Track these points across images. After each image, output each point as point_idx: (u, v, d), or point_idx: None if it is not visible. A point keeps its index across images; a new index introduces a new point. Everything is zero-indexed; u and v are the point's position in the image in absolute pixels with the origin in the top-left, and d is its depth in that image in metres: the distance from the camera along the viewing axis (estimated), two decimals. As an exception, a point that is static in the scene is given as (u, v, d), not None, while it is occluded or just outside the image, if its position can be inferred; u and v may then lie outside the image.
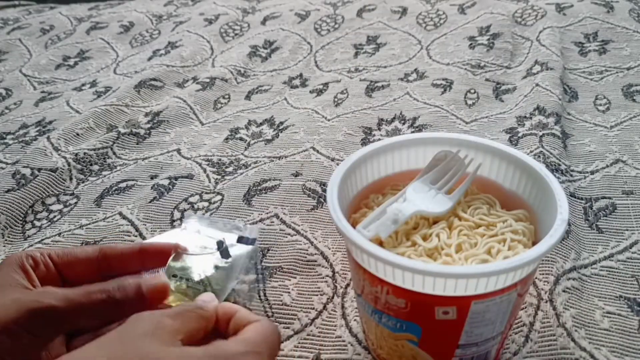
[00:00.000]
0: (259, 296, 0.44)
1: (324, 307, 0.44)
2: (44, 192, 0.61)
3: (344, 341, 0.41)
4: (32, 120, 0.79)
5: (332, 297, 0.44)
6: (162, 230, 0.54)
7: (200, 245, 0.40)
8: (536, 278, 0.43)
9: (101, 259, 0.35)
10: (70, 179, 0.64)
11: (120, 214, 0.57)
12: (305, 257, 0.48)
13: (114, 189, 0.62)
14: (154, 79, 0.85)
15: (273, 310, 0.43)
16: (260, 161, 0.64)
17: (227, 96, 0.82)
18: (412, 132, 0.67)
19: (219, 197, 0.58)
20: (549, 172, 0.35)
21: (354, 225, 0.37)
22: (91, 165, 0.66)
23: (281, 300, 0.44)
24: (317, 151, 0.64)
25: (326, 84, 0.81)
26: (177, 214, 0.56)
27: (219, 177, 0.62)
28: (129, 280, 0.32)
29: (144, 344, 0.25)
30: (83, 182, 0.64)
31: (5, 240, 0.55)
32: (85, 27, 1.12)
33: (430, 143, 0.40)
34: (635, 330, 0.39)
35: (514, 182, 0.37)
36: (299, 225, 0.52)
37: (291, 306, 0.44)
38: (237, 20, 1.06)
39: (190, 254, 0.38)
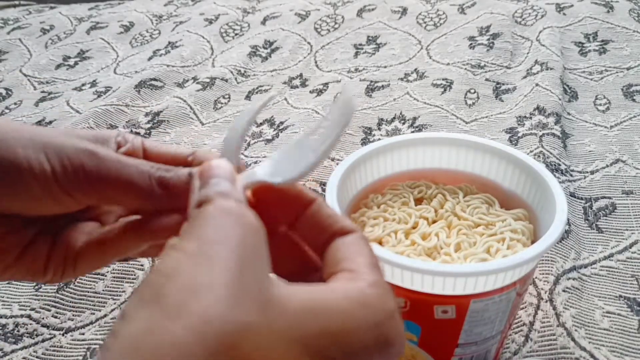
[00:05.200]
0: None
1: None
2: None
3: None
4: (32, 120, 0.79)
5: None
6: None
7: None
8: (536, 278, 0.43)
9: (193, 165, 0.28)
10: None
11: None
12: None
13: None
14: (154, 79, 0.85)
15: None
16: (260, 161, 0.64)
17: (227, 96, 0.82)
18: (412, 132, 0.67)
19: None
20: (549, 171, 0.35)
21: (353, 224, 0.37)
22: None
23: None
24: (317, 151, 0.64)
25: (326, 84, 0.81)
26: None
27: (218, 176, 0.62)
28: (182, 169, 0.25)
29: (260, 278, 0.16)
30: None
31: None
32: (86, 27, 1.12)
33: (430, 143, 0.40)
34: (635, 330, 0.39)
35: (514, 182, 0.37)
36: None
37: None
38: (237, 20, 1.06)
39: None
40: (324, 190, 0.57)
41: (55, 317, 0.46)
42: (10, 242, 0.24)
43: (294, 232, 0.23)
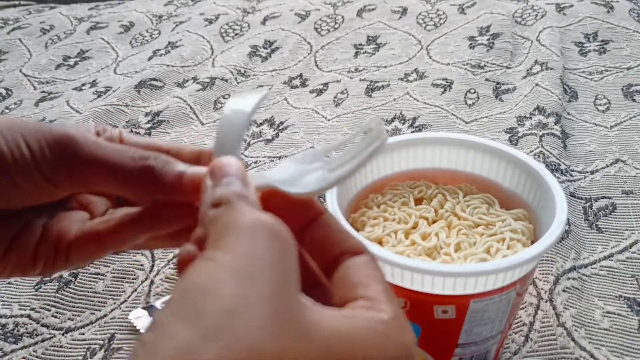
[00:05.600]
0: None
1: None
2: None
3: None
4: (32, 120, 0.79)
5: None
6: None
7: None
8: (536, 278, 0.43)
9: (173, 154, 0.27)
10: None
11: (120, 213, 0.57)
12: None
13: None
14: (154, 79, 0.85)
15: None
16: (260, 161, 0.64)
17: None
18: (412, 132, 0.67)
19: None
20: (549, 171, 0.35)
21: (353, 225, 0.37)
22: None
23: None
24: (317, 151, 0.64)
25: (326, 84, 0.81)
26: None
27: (218, 176, 0.62)
28: (176, 161, 0.24)
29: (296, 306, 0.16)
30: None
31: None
32: (86, 27, 1.12)
33: (430, 143, 0.40)
34: (635, 330, 0.39)
35: (514, 182, 0.37)
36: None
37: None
38: (237, 20, 1.06)
39: None
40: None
41: (55, 317, 0.46)
42: None
43: (298, 243, 0.21)
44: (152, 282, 0.49)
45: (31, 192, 0.23)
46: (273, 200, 0.22)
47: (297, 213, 0.22)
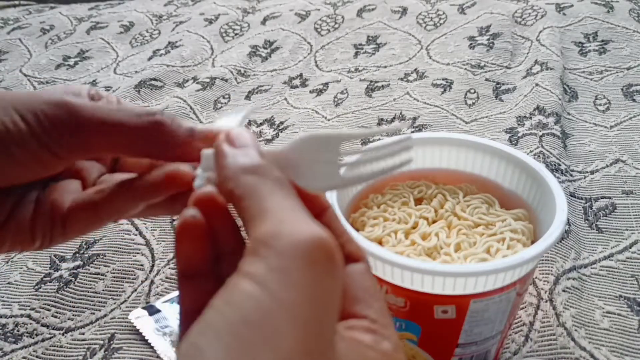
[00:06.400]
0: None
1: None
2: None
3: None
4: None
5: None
6: (162, 229, 0.54)
7: None
8: (536, 278, 0.43)
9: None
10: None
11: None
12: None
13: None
14: (154, 79, 0.85)
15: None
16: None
17: (227, 96, 0.82)
18: (412, 132, 0.67)
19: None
20: (549, 172, 0.35)
21: (353, 224, 0.37)
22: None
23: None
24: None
25: (326, 84, 0.81)
26: (176, 214, 0.56)
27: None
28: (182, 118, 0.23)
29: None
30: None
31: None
32: (86, 27, 1.12)
33: (430, 143, 0.40)
34: (635, 330, 0.39)
35: (514, 182, 0.37)
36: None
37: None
38: (237, 20, 1.06)
39: None
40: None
41: (55, 317, 0.46)
42: None
43: None
44: (152, 282, 0.49)
45: (31, 166, 0.22)
46: None
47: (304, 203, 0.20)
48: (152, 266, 0.50)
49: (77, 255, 0.52)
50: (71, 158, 0.23)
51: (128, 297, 0.48)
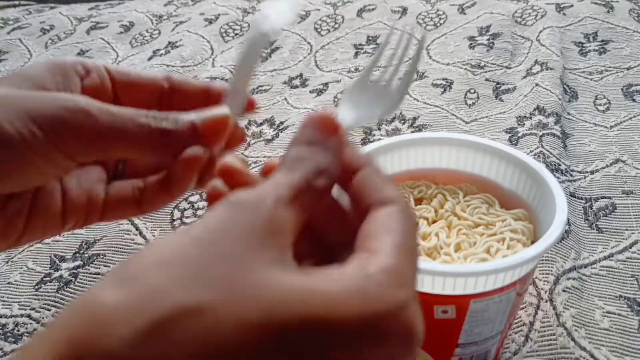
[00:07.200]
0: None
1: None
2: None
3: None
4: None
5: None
6: (162, 229, 0.54)
7: None
8: (536, 278, 0.43)
9: (168, 91, 0.28)
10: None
11: (120, 213, 0.57)
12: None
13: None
14: (154, 79, 0.85)
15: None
16: (260, 161, 0.64)
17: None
18: (412, 132, 0.67)
19: (219, 196, 0.58)
20: (549, 171, 0.35)
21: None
22: (91, 165, 0.66)
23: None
24: (317, 151, 0.64)
25: (326, 84, 0.81)
26: (177, 214, 0.56)
27: (218, 176, 0.62)
28: (183, 114, 0.24)
29: (252, 268, 0.14)
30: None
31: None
32: (86, 27, 1.12)
33: (430, 143, 0.40)
34: (635, 330, 0.39)
35: (514, 182, 0.37)
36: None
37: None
38: (237, 20, 1.06)
39: None
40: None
41: (56, 317, 0.46)
42: (14, 210, 0.24)
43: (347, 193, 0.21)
44: (152, 282, 0.49)
45: (48, 170, 0.23)
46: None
47: (344, 164, 0.21)
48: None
49: (77, 255, 0.52)
50: (87, 160, 0.24)
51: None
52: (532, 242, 0.34)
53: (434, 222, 0.36)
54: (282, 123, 0.72)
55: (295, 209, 0.17)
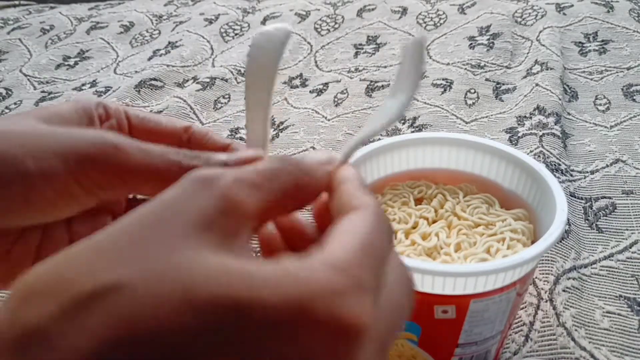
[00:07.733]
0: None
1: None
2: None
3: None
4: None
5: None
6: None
7: None
8: (536, 278, 0.43)
9: (187, 140, 0.27)
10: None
11: (120, 213, 0.57)
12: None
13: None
14: (154, 79, 0.85)
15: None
16: (260, 161, 0.64)
17: (227, 96, 0.82)
18: (412, 132, 0.67)
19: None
20: (549, 171, 0.35)
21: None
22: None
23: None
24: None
25: (326, 84, 0.81)
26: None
27: (218, 176, 0.62)
28: (215, 154, 0.24)
29: (180, 249, 0.14)
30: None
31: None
32: (85, 27, 1.12)
33: (430, 143, 0.40)
34: (635, 330, 0.39)
35: (514, 182, 0.37)
36: (298, 225, 0.52)
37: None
38: (237, 20, 1.06)
39: None
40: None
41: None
42: (26, 245, 0.23)
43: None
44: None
45: (70, 207, 0.22)
46: None
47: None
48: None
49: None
50: (107, 197, 0.23)
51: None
52: (532, 242, 0.34)
53: (434, 222, 0.36)
54: (282, 123, 0.72)
55: (259, 193, 0.17)
